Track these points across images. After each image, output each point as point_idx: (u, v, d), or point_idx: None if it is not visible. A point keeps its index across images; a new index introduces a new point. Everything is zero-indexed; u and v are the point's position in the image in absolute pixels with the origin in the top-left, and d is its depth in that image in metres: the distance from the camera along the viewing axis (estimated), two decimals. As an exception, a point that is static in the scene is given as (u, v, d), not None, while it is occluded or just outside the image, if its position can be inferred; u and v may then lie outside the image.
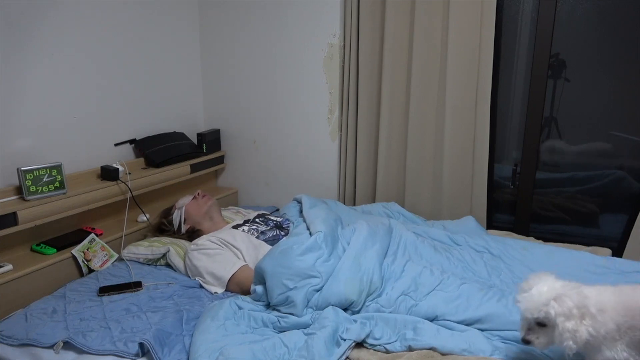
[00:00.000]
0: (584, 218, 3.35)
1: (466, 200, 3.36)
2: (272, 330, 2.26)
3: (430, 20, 3.20)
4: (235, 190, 4.18)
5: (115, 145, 3.39)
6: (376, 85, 3.49)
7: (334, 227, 2.74)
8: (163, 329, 2.17)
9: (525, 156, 3.28)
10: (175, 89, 3.86)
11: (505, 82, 3.33)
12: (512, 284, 2.45)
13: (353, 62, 3.49)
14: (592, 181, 3.29)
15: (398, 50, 3.33)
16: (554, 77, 3.20)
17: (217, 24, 3.92)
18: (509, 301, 2.20)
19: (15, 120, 2.76)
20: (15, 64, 2.73)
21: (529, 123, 3.21)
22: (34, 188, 2.69)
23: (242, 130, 4.06)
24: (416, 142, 3.39)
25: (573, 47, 3.13)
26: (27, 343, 2.13)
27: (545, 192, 3.40)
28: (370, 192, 3.68)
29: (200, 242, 2.84)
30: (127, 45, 3.39)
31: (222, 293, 2.63)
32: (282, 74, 3.77)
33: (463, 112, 3.23)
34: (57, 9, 2.90)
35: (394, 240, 2.77)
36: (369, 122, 3.55)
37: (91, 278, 2.75)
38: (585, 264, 2.57)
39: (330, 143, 3.70)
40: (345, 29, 3.49)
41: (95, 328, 2.22)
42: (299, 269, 2.38)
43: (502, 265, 2.64)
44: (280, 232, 2.97)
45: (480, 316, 2.16)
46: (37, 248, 2.79)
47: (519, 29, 3.24)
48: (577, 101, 3.18)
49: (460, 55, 3.15)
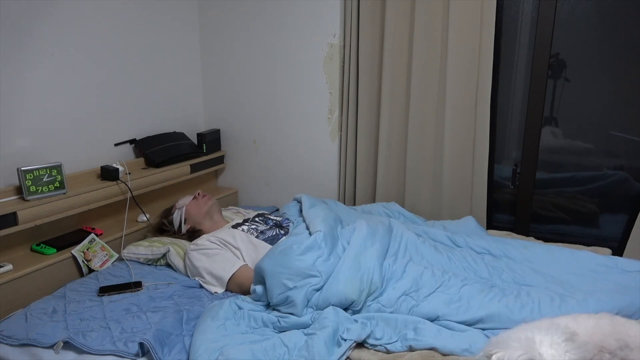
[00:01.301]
0: (584, 218, 3.35)
1: (466, 201, 3.35)
2: (272, 330, 2.26)
3: (430, 20, 3.20)
4: (235, 190, 4.18)
5: (115, 145, 3.38)
6: (376, 85, 3.48)
7: (334, 226, 2.73)
8: (163, 329, 2.17)
9: (525, 156, 3.28)
10: (175, 88, 3.86)
11: (506, 82, 3.33)
12: (513, 284, 2.45)
13: (353, 62, 3.49)
14: (592, 181, 3.29)
15: (398, 50, 3.33)
16: (554, 77, 3.20)
17: (217, 23, 3.91)
18: (510, 301, 2.20)
19: (16, 120, 2.76)
20: (15, 64, 2.72)
21: (529, 123, 3.21)
22: (34, 188, 2.69)
23: (242, 130, 4.06)
24: (416, 142, 3.39)
25: (573, 47, 3.13)
26: (27, 343, 2.13)
27: (545, 192, 3.40)
28: (370, 192, 3.68)
29: (199, 242, 2.84)
30: (127, 45, 3.38)
31: (222, 293, 2.62)
32: (282, 74, 3.76)
33: (463, 112, 3.22)
34: (57, 9, 2.90)
35: (395, 240, 2.77)
36: (369, 122, 3.55)
37: (91, 278, 2.75)
38: (586, 262, 2.57)
39: (330, 143, 3.70)
40: (345, 29, 3.49)
41: (95, 328, 2.21)
42: (298, 268, 2.38)
43: (503, 265, 2.63)
44: (279, 232, 2.97)
45: (482, 316, 2.17)
46: (37, 248, 2.79)
47: (519, 29, 3.24)
48: (577, 101, 3.18)
49: (461, 55, 3.15)
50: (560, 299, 2.18)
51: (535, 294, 2.26)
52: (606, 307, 2.07)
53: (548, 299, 2.20)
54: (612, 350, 1.66)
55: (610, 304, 2.10)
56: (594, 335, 1.67)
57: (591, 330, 1.69)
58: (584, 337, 1.61)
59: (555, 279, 2.46)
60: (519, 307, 2.17)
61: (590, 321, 1.75)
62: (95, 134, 3.23)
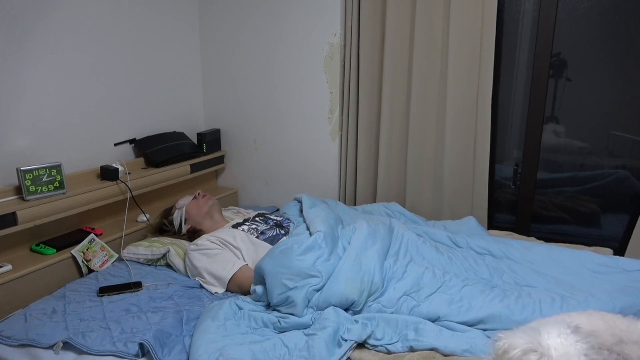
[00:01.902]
0: (586, 218, 3.34)
1: (467, 200, 3.35)
2: (272, 331, 2.26)
3: (431, 19, 3.19)
4: (235, 190, 4.18)
5: (115, 145, 3.38)
6: (377, 85, 3.48)
7: (334, 226, 2.73)
8: (163, 330, 2.17)
9: (527, 156, 3.27)
10: (175, 88, 3.86)
11: (507, 81, 3.32)
12: (514, 285, 2.45)
13: (354, 61, 3.48)
14: (594, 181, 3.28)
15: (399, 49, 3.33)
16: (555, 77, 3.19)
17: (217, 22, 3.91)
18: (511, 301, 2.21)
19: (15, 119, 2.76)
20: (14, 63, 2.72)
21: (530, 122, 3.21)
22: (34, 188, 2.69)
23: (242, 129, 4.05)
24: (417, 142, 3.39)
25: (575, 46, 3.12)
26: (27, 344, 2.14)
27: (546, 192, 3.39)
28: (370, 191, 3.68)
29: (199, 242, 2.83)
30: (127, 44, 3.38)
31: (222, 293, 2.62)
32: (282, 73, 3.76)
33: (464, 112, 3.22)
34: (56, 7, 2.89)
35: (396, 241, 2.76)
36: (370, 121, 3.55)
37: (91, 278, 2.75)
38: (587, 262, 2.56)
39: (331, 142, 3.69)
40: (345, 28, 3.48)
41: (95, 328, 2.22)
42: (298, 268, 2.38)
43: (504, 266, 2.63)
44: (280, 231, 2.97)
45: (483, 317, 2.17)
46: (36, 248, 2.79)
47: (520, 28, 3.23)
48: (579, 101, 3.18)
49: (461, 54, 3.15)
50: (562, 300, 2.18)
51: (537, 294, 2.26)
52: (608, 307, 2.07)
53: (549, 299, 2.20)
54: (609, 347, 1.68)
55: (612, 304, 2.10)
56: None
57: (587, 327, 1.70)
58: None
59: (556, 279, 2.46)
60: (520, 308, 2.17)
61: (583, 318, 1.76)
62: (95, 133, 3.23)
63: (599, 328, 1.72)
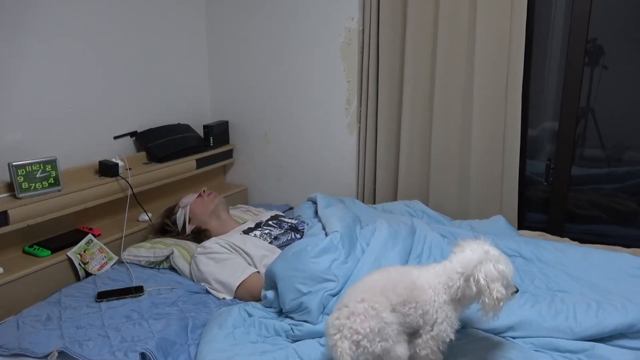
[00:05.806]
0: (624, 217, 3.34)
1: (495, 199, 3.34)
2: (285, 340, 2.24)
3: (456, 3, 3.18)
4: (244, 187, 4.18)
5: (115, 138, 3.40)
6: (398, 73, 3.47)
7: (352, 226, 2.73)
8: (166, 338, 2.17)
9: (560, 150, 3.25)
10: (179, 77, 3.86)
11: (538, 70, 3.32)
12: (546, 290, 2.43)
13: (373, 48, 3.47)
14: (633, 177, 3.28)
15: (421, 35, 3.32)
16: (591, 65, 3.18)
17: (225, 7, 3.91)
18: (542, 307, 2.19)
19: (6, 111, 2.78)
20: (4, 50, 2.73)
21: (564, 114, 3.19)
22: (27, 185, 2.71)
23: (252, 122, 4.06)
24: (441, 135, 3.38)
25: (612, 31, 3.12)
26: (19, 353, 2.14)
27: (581, 190, 3.38)
28: (391, 189, 3.67)
29: (208, 245, 2.83)
30: (127, 30, 3.38)
31: (230, 299, 2.60)
32: (295, 61, 3.75)
33: (492, 102, 3.20)
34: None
35: (418, 242, 2.75)
36: (390, 113, 3.54)
37: (88, 282, 2.75)
38: (625, 266, 2.55)
39: (348, 136, 3.68)
40: (364, 12, 3.47)
41: (93, 337, 2.22)
42: (313, 272, 2.37)
43: (535, 269, 2.61)
44: (295, 235, 2.97)
45: (513, 323, 2.15)
46: (30, 250, 2.81)
47: (553, 12, 3.24)
48: (616, 90, 3.15)
49: (490, 41, 3.13)
50: (598, 306, 2.16)
51: (570, 300, 2.24)
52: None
53: (584, 305, 2.18)
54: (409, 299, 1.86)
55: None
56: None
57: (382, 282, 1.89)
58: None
59: (591, 284, 2.44)
60: (552, 314, 2.15)
61: (383, 274, 1.95)
62: (93, 126, 3.24)
63: (395, 281, 1.89)
